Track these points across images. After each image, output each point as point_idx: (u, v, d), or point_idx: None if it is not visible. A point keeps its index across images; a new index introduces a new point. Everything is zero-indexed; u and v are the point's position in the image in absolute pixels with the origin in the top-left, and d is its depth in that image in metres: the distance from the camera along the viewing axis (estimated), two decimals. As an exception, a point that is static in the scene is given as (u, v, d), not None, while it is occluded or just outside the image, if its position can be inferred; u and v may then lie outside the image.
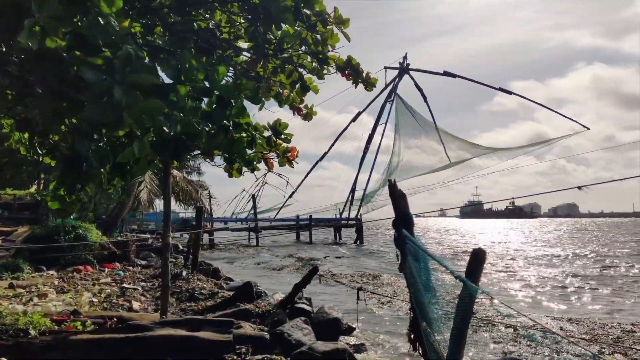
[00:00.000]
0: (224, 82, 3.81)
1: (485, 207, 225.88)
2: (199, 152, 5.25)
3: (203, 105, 3.62)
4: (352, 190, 42.57)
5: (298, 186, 44.64)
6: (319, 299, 12.03)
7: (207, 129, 3.51)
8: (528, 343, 8.10)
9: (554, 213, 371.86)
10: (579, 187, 5.26)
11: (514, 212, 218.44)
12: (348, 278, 17.67)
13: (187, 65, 3.48)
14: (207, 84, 3.54)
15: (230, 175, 4.64)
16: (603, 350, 8.32)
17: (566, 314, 11.93)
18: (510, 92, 37.18)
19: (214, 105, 3.51)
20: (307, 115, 5.48)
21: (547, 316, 11.45)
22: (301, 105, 5.44)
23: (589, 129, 33.16)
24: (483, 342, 8.58)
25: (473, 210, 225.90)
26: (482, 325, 9.48)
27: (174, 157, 4.28)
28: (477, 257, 3.11)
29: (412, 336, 4.09)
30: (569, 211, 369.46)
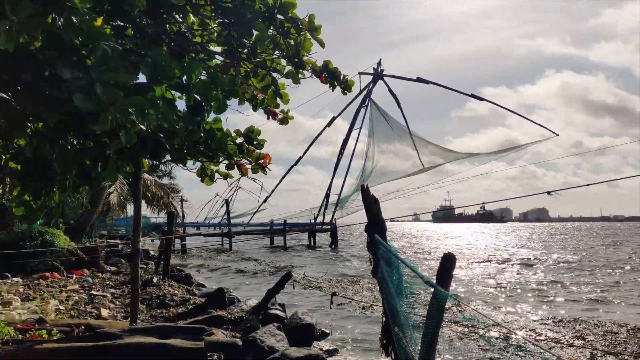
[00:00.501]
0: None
1: (457, 211, 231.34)
2: (169, 158, 5.17)
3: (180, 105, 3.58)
4: (327, 195, 42.62)
5: (272, 191, 44.47)
6: (293, 305, 11.99)
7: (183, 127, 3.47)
8: (500, 347, 8.23)
9: (525, 217, 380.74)
10: (549, 192, 5.37)
11: (485, 216, 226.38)
12: (325, 284, 17.65)
13: (163, 63, 3.44)
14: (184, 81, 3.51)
15: (203, 180, 4.57)
16: (595, 353, 8.52)
17: (546, 317, 12.17)
18: (481, 99, 37.79)
19: (191, 103, 3.48)
20: (284, 120, 5.45)
21: (534, 321, 11.56)
22: (277, 110, 5.41)
23: (558, 135, 33.94)
24: (458, 347, 8.68)
25: (445, 214, 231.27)
26: (462, 331, 9.58)
27: (153, 156, 4.20)
28: (447, 262, 3.15)
29: (384, 341, 4.11)
30: (539, 216, 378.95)
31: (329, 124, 40.20)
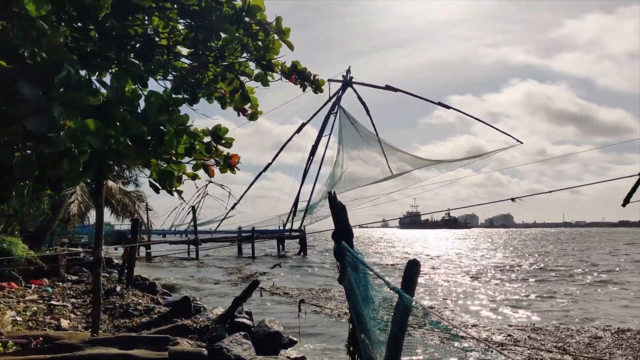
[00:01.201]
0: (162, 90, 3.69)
1: (423, 218, 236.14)
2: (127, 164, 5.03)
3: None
4: (296, 202, 42.53)
5: (241, 197, 44.04)
6: (260, 313, 11.87)
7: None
8: (464, 352, 8.31)
9: (491, 223, 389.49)
10: (512, 199, 5.48)
11: (449, 222, 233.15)
12: (294, 291, 17.55)
13: (124, 86, 3.38)
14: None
15: (168, 186, 4.45)
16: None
17: (518, 322, 12.40)
18: (448, 107, 38.49)
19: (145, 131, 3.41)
20: (253, 115, 5.36)
21: (510, 325, 11.68)
22: (246, 106, 5.33)
23: (522, 143, 34.86)
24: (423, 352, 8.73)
25: (411, 220, 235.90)
26: (428, 337, 9.64)
27: (96, 177, 4.08)
28: (412, 269, 3.16)
29: (351, 348, 4.09)
30: (504, 221, 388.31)
31: (298, 130, 40.22)
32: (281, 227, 43.73)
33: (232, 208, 43.52)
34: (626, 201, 3.00)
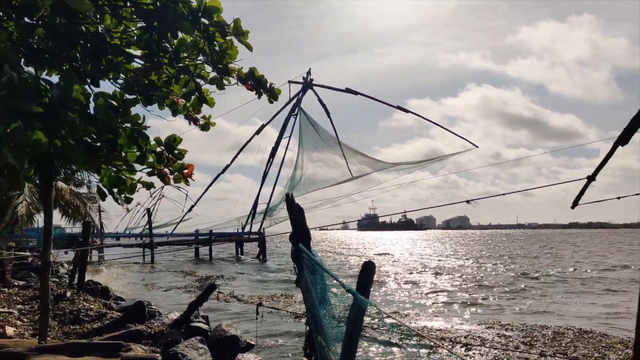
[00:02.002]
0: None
1: (381, 220, 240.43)
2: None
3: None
4: (255, 204, 42.18)
5: (198, 199, 43.26)
6: (218, 317, 11.72)
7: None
8: (416, 352, 8.48)
9: (447, 225, 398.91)
10: (468, 201, 5.62)
11: (406, 224, 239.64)
12: (252, 294, 17.40)
13: (71, 88, 3.26)
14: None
15: (103, 198, 4.32)
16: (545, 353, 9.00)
17: (457, 322, 12.70)
18: (407, 111, 39.10)
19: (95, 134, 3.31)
20: (205, 126, 5.31)
21: (479, 324, 11.87)
22: (198, 116, 5.27)
23: (477, 146, 35.61)
24: (377, 352, 8.85)
25: (369, 223, 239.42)
26: (382, 338, 9.77)
27: (43, 179, 3.93)
28: (367, 270, 3.20)
29: (307, 351, 4.09)
30: (461, 223, 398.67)
31: (257, 132, 39.90)
32: (240, 230, 43.28)
33: (189, 210, 42.77)
34: (575, 203, 3.12)
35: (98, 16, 4.46)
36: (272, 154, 41.29)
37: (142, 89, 4.58)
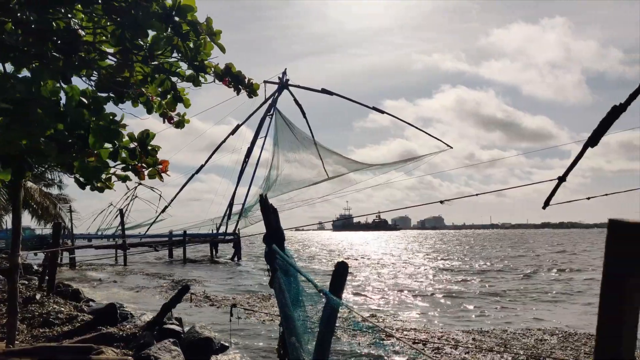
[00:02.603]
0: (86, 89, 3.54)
1: (355, 220, 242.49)
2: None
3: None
4: (230, 204, 41.83)
5: (172, 200, 42.68)
6: (191, 319, 11.60)
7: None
8: (389, 352, 8.51)
9: (422, 225, 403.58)
10: (441, 202, 5.69)
11: (380, 225, 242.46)
12: (227, 296, 17.26)
13: (41, 83, 3.19)
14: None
15: (83, 187, 4.24)
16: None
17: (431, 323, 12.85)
18: (382, 112, 39.30)
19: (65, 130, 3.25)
20: (180, 123, 5.26)
21: (458, 330, 11.70)
22: (173, 113, 5.21)
23: (452, 147, 35.98)
24: (351, 353, 8.87)
25: (344, 223, 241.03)
26: (357, 339, 9.80)
27: (15, 176, 3.84)
28: (340, 271, 3.22)
29: (281, 352, 4.09)
30: (435, 223, 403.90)
31: (233, 132, 39.61)
32: (215, 231, 42.89)
33: (163, 211, 42.17)
34: (546, 204, 3.18)
35: (70, 11, 4.38)
36: (248, 154, 41.05)
37: (115, 86, 4.52)
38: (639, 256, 1.17)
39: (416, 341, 9.87)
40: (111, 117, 4.09)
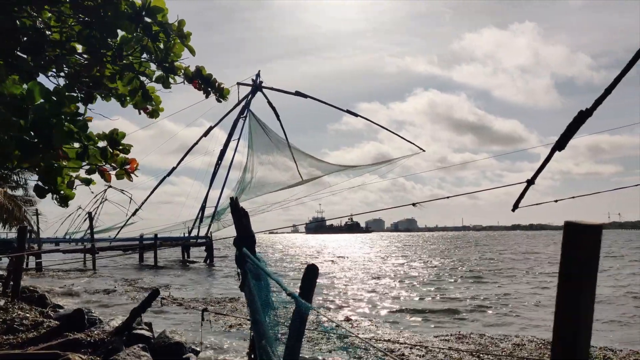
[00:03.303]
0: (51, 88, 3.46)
1: (328, 222, 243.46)
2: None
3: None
4: (203, 207, 41.33)
5: (142, 203, 41.86)
6: (162, 324, 11.42)
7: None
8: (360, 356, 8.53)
9: (396, 228, 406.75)
10: (414, 204, 5.75)
11: (352, 227, 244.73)
12: (199, 301, 17.04)
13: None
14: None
15: (42, 196, 4.14)
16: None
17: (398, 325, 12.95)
18: (356, 115, 39.47)
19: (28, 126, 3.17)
20: (154, 112, 5.18)
21: (435, 336, 11.42)
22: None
23: (424, 150, 36.34)
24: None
25: (317, 226, 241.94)
26: (326, 343, 9.79)
27: None
28: (310, 274, 3.22)
29: (252, 356, 4.06)
30: (408, 226, 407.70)
31: (205, 134, 39.19)
32: (186, 234, 42.33)
33: (133, 214, 41.35)
34: (515, 206, 3.23)
35: (36, 10, 4.29)
36: (221, 157, 40.68)
37: (83, 86, 4.44)
38: (593, 256, 1.21)
39: (389, 350, 9.94)
40: (75, 110, 4.01)
